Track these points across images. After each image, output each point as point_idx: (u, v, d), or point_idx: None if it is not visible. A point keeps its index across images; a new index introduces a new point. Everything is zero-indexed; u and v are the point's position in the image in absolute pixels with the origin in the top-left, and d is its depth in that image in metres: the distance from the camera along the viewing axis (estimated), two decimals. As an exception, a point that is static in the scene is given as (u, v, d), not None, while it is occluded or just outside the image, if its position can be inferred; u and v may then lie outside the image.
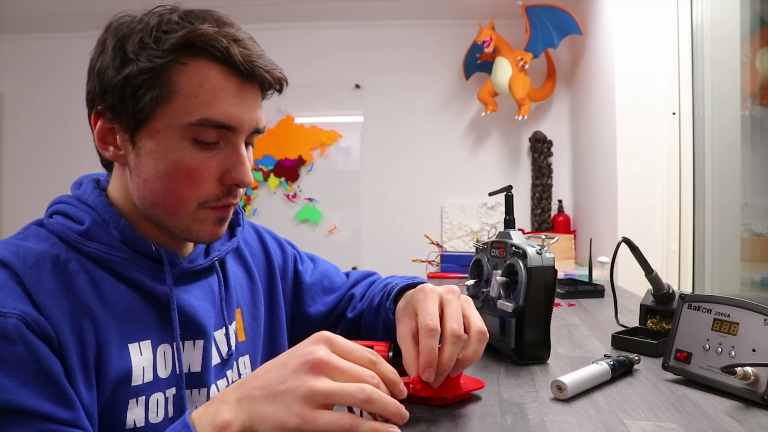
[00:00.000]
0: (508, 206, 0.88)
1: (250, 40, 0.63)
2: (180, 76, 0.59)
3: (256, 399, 0.47)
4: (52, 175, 3.20)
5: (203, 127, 0.60)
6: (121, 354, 0.60)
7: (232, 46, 0.60)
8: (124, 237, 0.63)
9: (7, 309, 0.52)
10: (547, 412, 0.60)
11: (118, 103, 0.60)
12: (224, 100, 0.60)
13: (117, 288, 0.62)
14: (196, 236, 0.66)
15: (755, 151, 1.77)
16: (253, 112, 0.64)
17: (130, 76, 0.59)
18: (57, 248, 0.60)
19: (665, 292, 0.90)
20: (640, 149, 1.98)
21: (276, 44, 3.09)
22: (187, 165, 0.61)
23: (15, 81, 3.24)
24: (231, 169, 0.63)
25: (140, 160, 0.62)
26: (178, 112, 0.60)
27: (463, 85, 3.02)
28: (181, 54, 0.59)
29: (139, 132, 0.61)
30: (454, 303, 0.62)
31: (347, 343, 0.50)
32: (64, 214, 0.64)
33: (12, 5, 2.80)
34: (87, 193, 0.66)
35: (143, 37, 0.59)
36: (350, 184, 3.12)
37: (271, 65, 0.64)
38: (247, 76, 0.62)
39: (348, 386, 0.46)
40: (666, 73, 1.96)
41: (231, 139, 0.63)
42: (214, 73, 0.60)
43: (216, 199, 0.64)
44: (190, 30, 0.59)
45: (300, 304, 0.89)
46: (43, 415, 0.51)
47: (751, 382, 0.60)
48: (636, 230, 1.94)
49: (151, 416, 0.62)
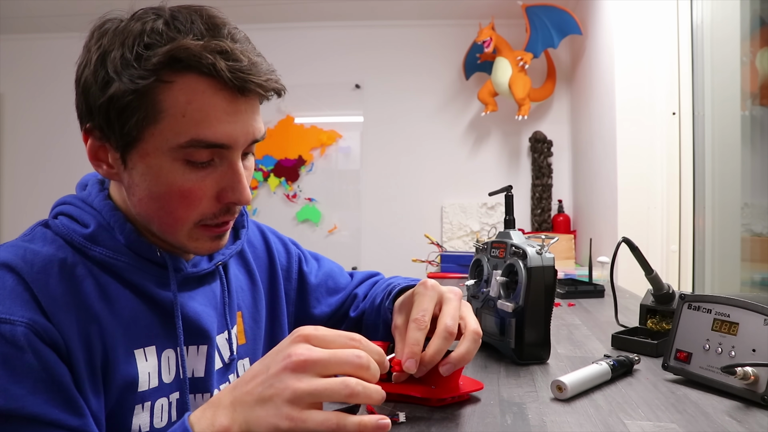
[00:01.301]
0: (508, 206, 0.88)
1: (243, 44, 0.59)
2: (166, 95, 0.56)
3: (247, 404, 0.47)
4: (51, 175, 3.20)
5: (194, 148, 0.57)
6: (128, 360, 0.60)
7: (219, 61, 0.55)
8: (129, 242, 0.62)
9: (16, 317, 0.52)
10: (547, 412, 0.60)
11: (104, 123, 0.58)
12: (215, 117, 0.57)
13: (122, 293, 0.61)
14: (194, 251, 0.65)
15: (755, 151, 1.77)
16: (249, 125, 0.60)
17: (113, 97, 0.55)
18: (64, 251, 0.59)
19: (665, 292, 0.90)
20: (640, 149, 1.98)
21: (276, 44, 3.09)
22: (180, 187, 0.58)
23: (15, 81, 3.24)
24: (228, 188, 0.61)
25: (133, 180, 0.60)
26: (166, 133, 0.56)
27: (463, 85, 3.02)
28: (165, 72, 0.55)
29: (129, 153, 0.59)
30: (453, 302, 0.63)
31: (326, 333, 0.50)
32: (69, 216, 0.63)
33: (12, 5, 2.80)
34: (92, 196, 0.65)
35: (124, 52, 0.55)
36: (350, 184, 3.12)
37: (265, 75, 0.58)
38: (239, 90, 0.57)
39: (331, 383, 0.46)
40: (666, 73, 1.96)
41: (226, 156, 0.60)
42: (202, 88, 0.56)
43: (213, 217, 0.62)
44: (173, 47, 0.54)
45: (305, 304, 0.89)
46: (52, 422, 0.51)
47: (751, 382, 0.60)
48: (636, 230, 1.94)
49: (156, 421, 0.62)
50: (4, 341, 0.50)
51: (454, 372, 0.63)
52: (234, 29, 0.60)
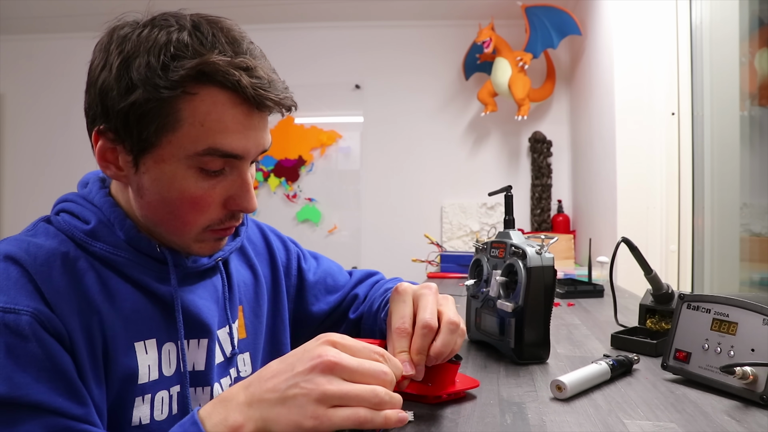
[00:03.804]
0: (508, 206, 0.88)
1: (261, 60, 0.61)
2: (187, 105, 0.57)
3: (267, 402, 0.47)
4: (52, 175, 3.20)
5: (210, 157, 0.59)
6: (128, 352, 0.61)
7: (243, 77, 0.57)
8: (129, 238, 0.63)
9: (21, 306, 0.53)
10: (546, 412, 0.60)
11: (121, 127, 0.58)
12: (233, 129, 0.59)
13: (123, 287, 0.62)
14: (196, 253, 0.67)
15: (754, 152, 1.78)
16: (261, 137, 0.63)
17: (135, 104, 0.56)
18: (66, 246, 0.60)
19: (664, 292, 0.91)
20: (640, 149, 1.99)
21: (276, 44, 3.09)
22: (192, 194, 0.60)
23: (15, 81, 3.24)
24: (235, 196, 0.63)
25: (143, 184, 0.61)
26: (184, 140, 0.58)
27: (462, 85, 3.02)
28: (190, 84, 0.57)
29: (143, 157, 0.60)
30: (428, 297, 0.64)
31: (354, 342, 0.51)
32: (71, 213, 0.65)
33: (12, 5, 2.80)
34: (93, 193, 0.66)
35: (150, 60, 0.56)
36: (350, 184, 3.12)
37: (282, 94, 0.61)
38: (257, 106, 0.60)
39: (362, 390, 0.47)
40: (665, 74, 1.96)
41: (236, 166, 0.62)
42: (222, 100, 0.58)
43: (219, 222, 0.64)
44: (201, 61, 0.56)
45: (303, 302, 0.89)
46: (55, 410, 0.51)
47: (750, 381, 0.60)
48: (635, 230, 1.94)
49: (156, 413, 0.63)
50: (9, 330, 0.51)
51: (449, 370, 0.64)
52: (251, 44, 0.62)
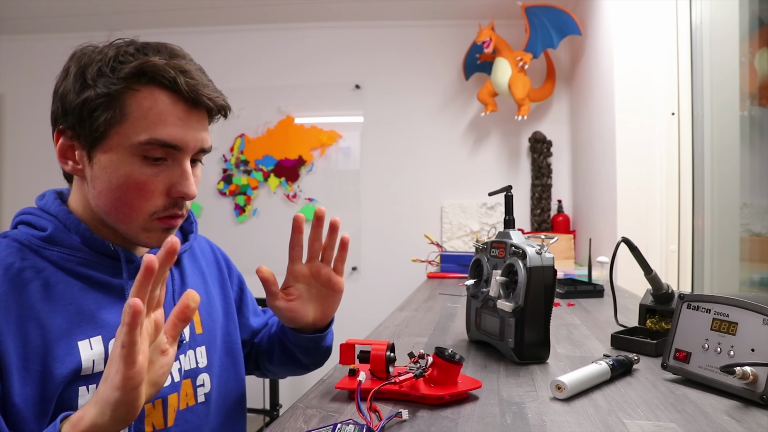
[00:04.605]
0: (508, 206, 0.88)
1: (198, 71, 0.72)
2: (132, 101, 0.67)
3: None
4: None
5: (151, 146, 0.68)
6: (70, 351, 0.66)
7: (179, 76, 0.68)
8: (85, 239, 0.71)
9: None
10: (546, 412, 0.60)
11: (77, 122, 0.68)
12: (171, 122, 0.68)
13: (72, 290, 0.69)
14: (144, 243, 0.74)
15: (754, 152, 1.78)
16: (199, 133, 0.72)
17: (88, 99, 0.67)
18: (12, 257, 0.68)
19: (664, 292, 0.91)
20: (640, 149, 1.99)
21: (276, 44, 3.09)
22: (136, 179, 0.69)
23: (16, 81, 3.24)
24: (176, 183, 0.71)
25: (95, 174, 0.70)
26: (129, 132, 0.68)
27: (462, 85, 3.02)
28: (133, 81, 0.67)
29: (95, 149, 0.69)
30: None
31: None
32: (28, 224, 0.73)
33: (12, 5, 2.80)
34: (49, 203, 0.75)
35: (101, 66, 0.67)
36: (350, 184, 3.12)
37: (215, 94, 0.72)
38: (193, 103, 0.70)
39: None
40: (665, 74, 1.96)
41: (177, 157, 0.71)
42: (162, 98, 0.68)
43: (164, 209, 0.72)
44: (142, 61, 0.67)
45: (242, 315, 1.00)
46: None
47: (750, 381, 0.60)
48: (635, 230, 1.94)
49: None
50: None
51: (452, 371, 0.64)
52: (191, 60, 0.73)
